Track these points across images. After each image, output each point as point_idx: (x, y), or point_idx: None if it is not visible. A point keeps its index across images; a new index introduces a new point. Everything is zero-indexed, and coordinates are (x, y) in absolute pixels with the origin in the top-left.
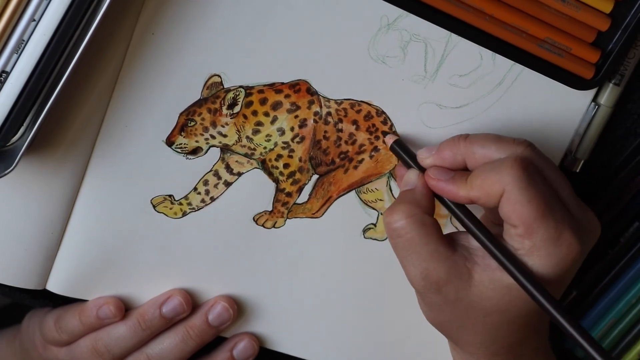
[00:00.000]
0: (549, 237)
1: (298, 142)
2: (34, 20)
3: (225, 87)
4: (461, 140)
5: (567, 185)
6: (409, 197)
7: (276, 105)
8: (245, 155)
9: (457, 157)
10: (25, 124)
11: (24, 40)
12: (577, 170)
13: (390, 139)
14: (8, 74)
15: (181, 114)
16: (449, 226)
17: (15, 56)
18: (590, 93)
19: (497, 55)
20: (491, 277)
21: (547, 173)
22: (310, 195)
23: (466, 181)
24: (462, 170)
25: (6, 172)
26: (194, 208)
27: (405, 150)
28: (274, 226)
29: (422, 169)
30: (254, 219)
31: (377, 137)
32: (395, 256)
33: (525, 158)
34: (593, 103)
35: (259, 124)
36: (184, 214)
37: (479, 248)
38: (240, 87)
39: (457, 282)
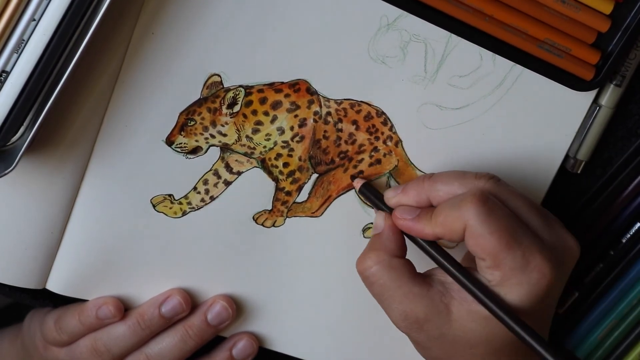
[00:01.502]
0: (517, 266)
1: (298, 142)
2: (34, 19)
3: (225, 86)
4: (425, 179)
5: (535, 212)
6: (377, 243)
7: (276, 105)
8: (245, 154)
9: (422, 196)
10: (25, 124)
11: (24, 40)
12: (579, 172)
13: (358, 183)
14: (8, 73)
15: (181, 113)
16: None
17: (15, 56)
18: (591, 94)
19: (497, 56)
20: (468, 309)
21: (512, 203)
22: (310, 194)
23: (430, 218)
24: (428, 207)
25: (6, 171)
26: (193, 207)
27: (373, 193)
28: (273, 225)
29: (391, 209)
30: (253, 218)
31: (376, 138)
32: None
33: (485, 191)
34: (594, 104)
35: (259, 123)
36: (184, 214)
37: (454, 282)
38: (240, 86)
39: (437, 319)
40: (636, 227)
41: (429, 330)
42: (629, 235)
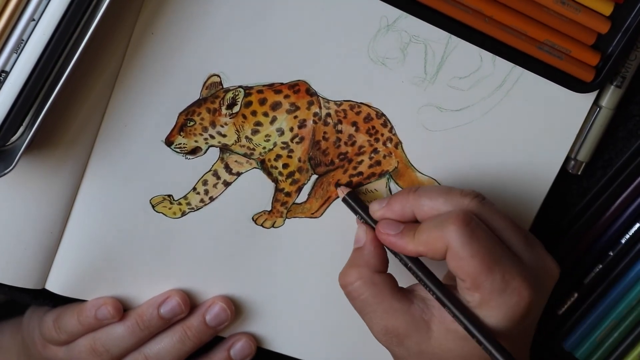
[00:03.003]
0: (497, 289)
1: (297, 143)
2: (34, 20)
3: (224, 87)
4: (410, 193)
5: (517, 233)
6: (358, 258)
7: (275, 106)
8: (245, 155)
9: (406, 210)
10: (24, 124)
11: (23, 40)
12: (579, 173)
13: (342, 192)
14: (8, 73)
15: (180, 113)
16: None
17: (14, 56)
18: (592, 95)
19: (497, 57)
20: (447, 328)
21: (494, 223)
22: (309, 195)
23: (414, 235)
24: (412, 223)
25: (6, 171)
26: (193, 208)
27: (357, 203)
28: (273, 226)
29: (374, 221)
30: (253, 218)
31: (376, 139)
32: (394, 257)
33: (468, 212)
34: (594, 105)
35: (258, 124)
36: (183, 214)
37: (435, 299)
38: (240, 87)
39: (417, 335)
40: (635, 228)
41: (408, 346)
42: (628, 236)
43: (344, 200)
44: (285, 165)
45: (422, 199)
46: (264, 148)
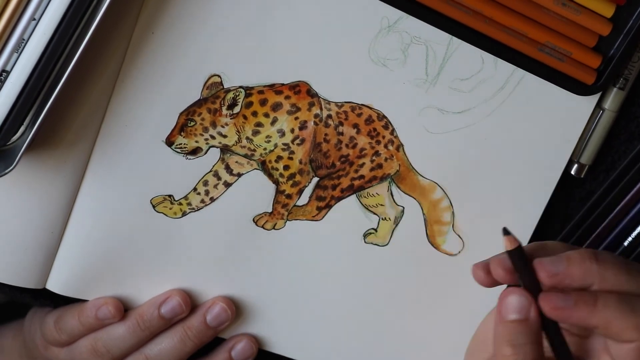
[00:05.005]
0: None
1: (298, 144)
2: (34, 19)
3: (225, 87)
4: (592, 261)
5: None
6: (522, 337)
7: (276, 107)
8: (245, 156)
9: (587, 280)
10: (25, 123)
11: (24, 40)
12: (582, 176)
13: (510, 243)
14: (8, 73)
15: (181, 113)
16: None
17: (15, 55)
18: (595, 97)
19: (498, 59)
20: None
21: None
22: (310, 197)
23: (595, 307)
24: (583, 292)
25: (6, 171)
26: (193, 208)
27: (523, 261)
28: (273, 228)
29: (533, 286)
30: (253, 220)
31: (378, 142)
32: (395, 261)
33: None
34: (597, 107)
35: (259, 124)
36: (184, 214)
37: None
38: (240, 87)
39: None
40: (638, 230)
41: None
42: (631, 239)
43: (509, 254)
44: (286, 167)
45: (608, 272)
46: (265, 149)
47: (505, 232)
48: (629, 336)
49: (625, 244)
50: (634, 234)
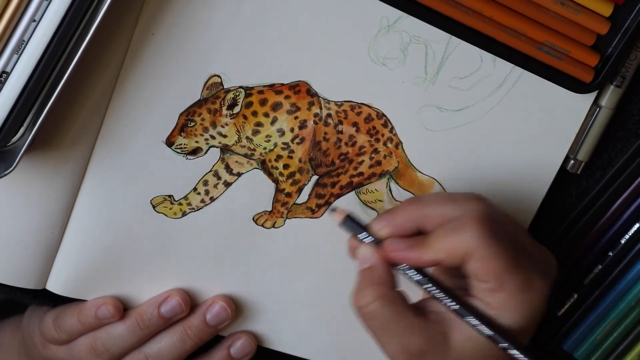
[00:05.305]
0: (520, 287)
1: (298, 143)
2: (35, 20)
3: (225, 87)
4: (412, 205)
5: (523, 230)
6: (371, 277)
7: (276, 106)
8: (245, 155)
9: (411, 223)
10: (25, 124)
11: (24, 41)
12: (579, 172)
13: (340, 215)
14: (8, 74)
15: (181, 114)
16: None
17: (15, 56)
18: (592, 95)
19: (497, 58)
20: (467, 337)
21: (503, 223)
22: (309, 195)
23: (426, 245)
24: (416, 236)
25: (6, 172)
26: (193, 208)
27: (357, 224)
28: (273, 226)
29: (375, 241)
30: (253, 219)
31: (377, 140)
32: None
33: (483, 213)
34: (594, 105)
35: (259, 124)
36: (184, 214)
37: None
38: (240, 87)
39: (436, 349)
40: (635, 228)
41: None
42: (627, 237)
43: (341, 225)
44: (285, 166)
45: (427, 209)
46: (265, 148)
47: (332, 209)
48: (460, 257)
49: (622, 241)
50: (631, 231)
